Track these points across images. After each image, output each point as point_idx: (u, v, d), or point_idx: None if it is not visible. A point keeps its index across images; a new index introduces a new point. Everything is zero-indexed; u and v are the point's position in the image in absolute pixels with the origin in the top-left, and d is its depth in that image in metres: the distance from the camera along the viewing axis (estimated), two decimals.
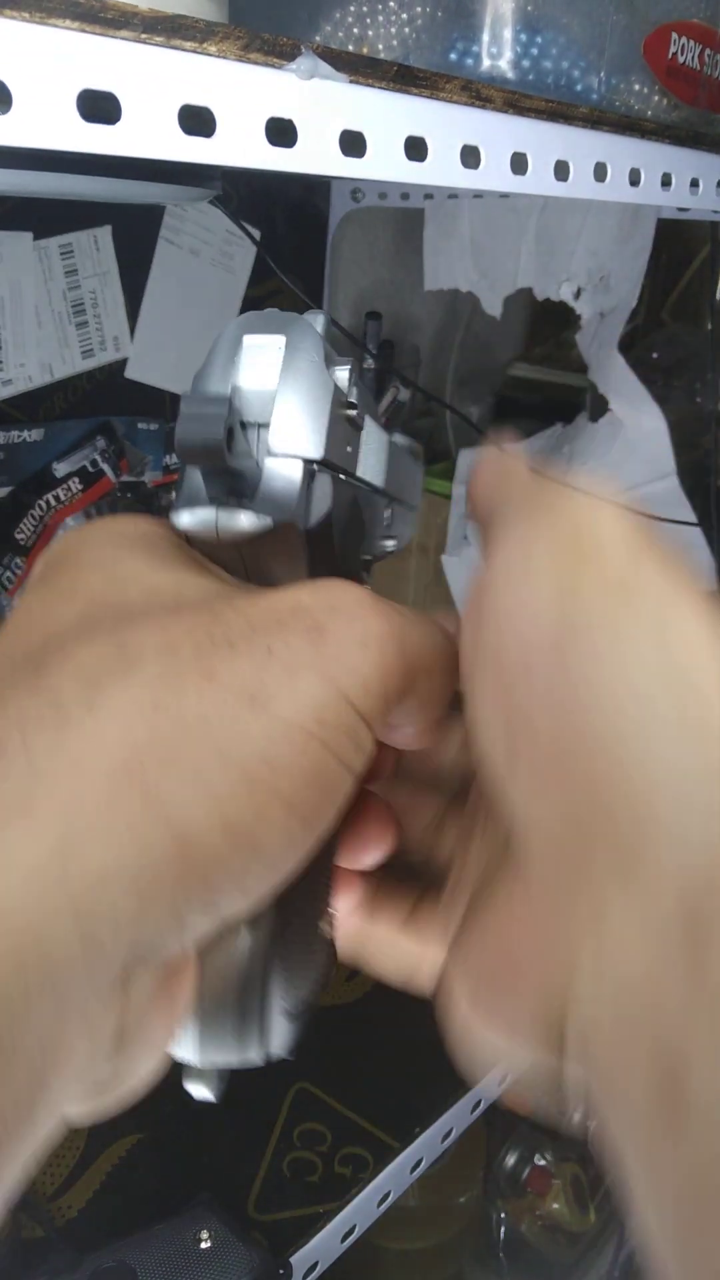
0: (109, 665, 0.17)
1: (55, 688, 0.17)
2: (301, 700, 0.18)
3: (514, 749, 0.19)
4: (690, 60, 0.49)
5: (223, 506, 0.21)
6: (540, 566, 0.19)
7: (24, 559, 0.84)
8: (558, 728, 0.18)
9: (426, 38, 0.39)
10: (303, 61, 0.30)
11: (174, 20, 0.26)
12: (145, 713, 0.17)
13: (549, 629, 0.18)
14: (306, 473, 0.22)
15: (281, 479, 0.22)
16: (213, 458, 0.21)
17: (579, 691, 0.18)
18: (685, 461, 0.91)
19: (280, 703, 0.18)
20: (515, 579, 0.19)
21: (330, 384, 0.23)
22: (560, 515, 0.21)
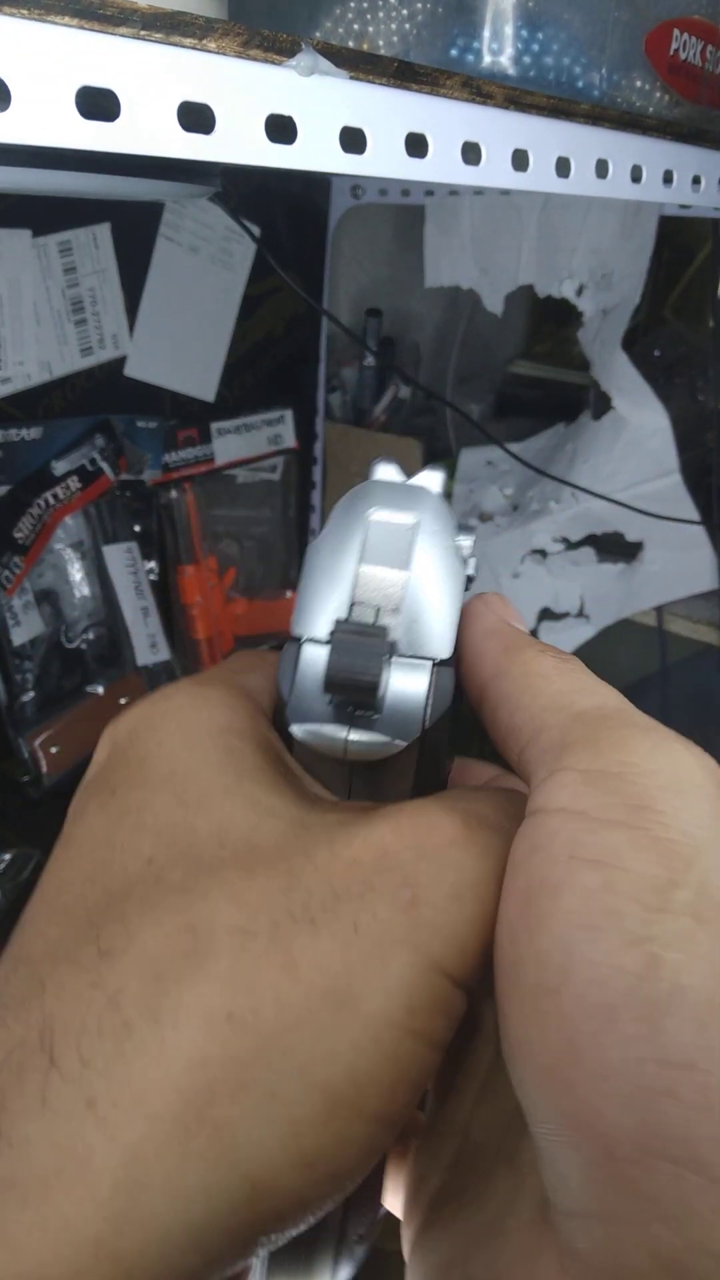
0: (177, 959, 0.15)
1: (117, 985, 0.15)
2: (393, 989, 0.16)
3: (574, 1119, 0.15)
4: (692, 57, 0.48)
5: (353, 725, 0.19)
6: (622, 887, 0.15)
7: (22, 558, 0.84)
8: (644, 1127, 0.14)
9: (427, 34, 0.39)
10: (303, 58, 0.29)
11: (173, 17, 0.26)
12: (218, 1027, 0.15)
13: (635, 976, 0.15)
14: (433, 675, 0.20)
15: (411, 692, 0.20)
16: (363, 695, 0.19)
17: (686, 1087, 0.14)
18: (688, 459, 0.91)
19: (369, 999, 0.16)
20: (591, 899, 0.15)
21: (463, 572, 0.21)
22: (635, 786, 0.16)
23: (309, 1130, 0.15)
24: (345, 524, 0.21)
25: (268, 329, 1.04)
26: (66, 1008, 0.15)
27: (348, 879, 0.17)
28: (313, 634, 0.21)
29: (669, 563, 0.93)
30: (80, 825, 0.19)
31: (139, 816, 0.18)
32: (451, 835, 0.18)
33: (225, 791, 0.18)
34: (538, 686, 0.19)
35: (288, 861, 0.17)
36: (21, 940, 0.17)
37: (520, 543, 0.97)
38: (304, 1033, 0.15)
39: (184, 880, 0.17)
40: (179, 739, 0.19)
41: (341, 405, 1.13)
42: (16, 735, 0.84)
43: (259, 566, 1.12)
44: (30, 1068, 0.14)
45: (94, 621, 0.91)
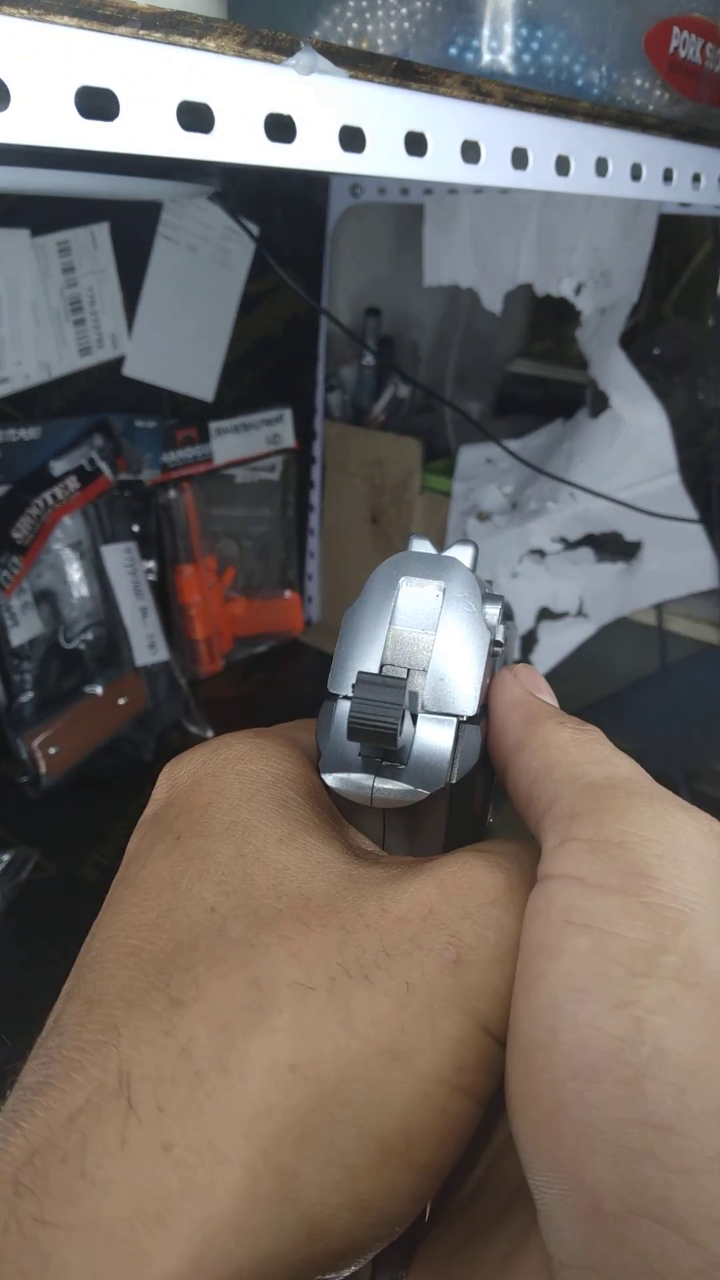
0: (243, 1011, 0.16)
1: (188, 1035, 0.16)
2: (443, 1047, 0.17)
3: (564, 1173, 0.16)
4: (692, 55, 0.48)
5: (379, 775, 0.21)
6: (611, 951, 0.16)
7: (21, 558, 0.84)
8: (627, 1183, 0.15)
9: (426, 32, 0.39)
10: (302, 57, 0.29)
11: (172, 16, 0.26)
12: (282, 1078, 0.16)
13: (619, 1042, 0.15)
14: (458, 731, 0.21)
15: (436, 745, 0.21)
16: (384, 742, 0.20)
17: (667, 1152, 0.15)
18: (687, 458, 0.91)
19: (421, 1056, 0.17)
20: (581, 962, 0.16)
21: (487, 635, 0.22)
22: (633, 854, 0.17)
23: (363, 1176, 0.16)
24: (379, 590, 0.23)
25: (266, 328, 1.03)
26: (142, 1054, 0.16)
27: (397, 936, 0.18)
28: (346, 691, 0.22)
29: (668, 562, 0.93)
30: (146, 869, 0.20)
31: (202, 864, 0.19)
32: (493, 895, 0.19)
33: (280, 843, 0.19)
34: (554, 759, 0.20)
35: (340, 916, 0.18)
36: (92, 980, 0.18)
37: (519, 542, 0.97)
38: (361, 1085, 0.16)
39: (246, 934, 0.18)
40: (238, 789, 0.21)
41: (340, 404, 1.13)
42: (15, 735, 0.84)
43: (258, 566, 1.12)
44: (110, 1111, 0.15)
45: (92, 621, 0.91)
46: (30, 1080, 0.16)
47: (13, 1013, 0.63)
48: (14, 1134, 0.15)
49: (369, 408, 1.11)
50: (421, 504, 1.07)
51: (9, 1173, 0.15)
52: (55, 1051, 0.17)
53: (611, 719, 0.24)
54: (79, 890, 0.74)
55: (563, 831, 0.18)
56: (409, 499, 1.07)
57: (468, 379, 1.23)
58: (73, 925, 0.77)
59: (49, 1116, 0.15)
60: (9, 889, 0.73)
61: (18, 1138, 0.15)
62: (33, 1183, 0.15)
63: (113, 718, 0.90)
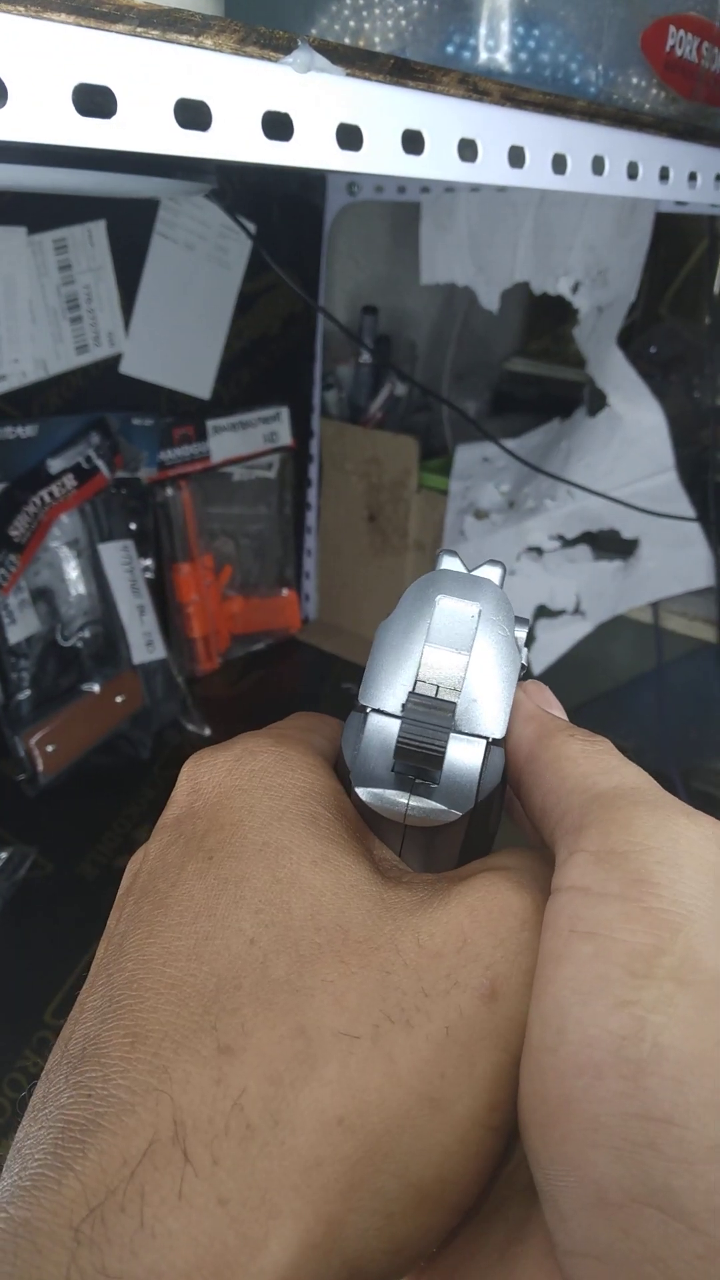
0: (291, 1063, 0.17)
1: (240, 1086, 0.16)
2: (479, 1089, 0.17)
3: (570, 1167, 0.16)
4: (688, 53, 0.48)
5: (413, 793, 0.21)
6: (612, 955, 0.17)
7: (18, 556, 0.84)
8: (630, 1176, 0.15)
9: (423, 31, 0.39)
10: (299, 55, 0.29)
11: (170, 14, 0.26)
12: (331, 1131, 0.16)
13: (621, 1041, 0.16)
14: (486, 752, 0.22)
15: (466, 766, 0.22)
16: (431, 765, 0.21)
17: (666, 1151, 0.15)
18: (684, 456, 0.91)
19: (459, 1101, 0.17)
20: (584, 967, 0.17)
21: (519, 659, 0.23)
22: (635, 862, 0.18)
23: (400, 1221, 0.16)
24: (415, 608, 0.24)
25: (264, 326, 1.03)
26: (194, 1103, 0.16)
27: (434, 975, 0.18)
28: (379, 705, 0.23)
29: (665, 560, 0.93)
30: (178, 888, 0.20)
31: (238, 890, 0.19)
32: (523, 917, 0.19)
33: (314, 865, 0.20)
34: (565, 770, 0.21)
35: (379, 953, 0.18)
36: (132, 1009, 0.18)
37: (516, 540, 0.97)
38: (404, 1135, 0.17)
39: (289, 974, 0.18)
40: (268, 806, 0.21)
41: (337, 403, 1.13)
42: (12, 734, 0.84)
43: (255, 564, 1.12)
44: (166, 1161, 0.16)
45: (90, 619, 0.91)
46: (77, 1113, 0.16)
47: (11, 1010, 0.63)
48: (68, 1176, 0.15)
49: (366, 406, 1.11)
50: (418, 502, 1.07)
51: (67, 1219, 0.15)
52: (99, 1086, 0.17)
53: (608, 717, 0.25)
54: (76, 888, 0.74)
55: (572, 844, 0.19)
56: (406, 497, 1.07)
57: (465, 377, 1.23)
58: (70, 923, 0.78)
59: (104, 1161, 0.16)
60: (6, 887, 0.73)
61: (73, 1181, 0.15)
62: (93, 1232, 0.15)
63: (110, 716, 0.90)
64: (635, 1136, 0.15)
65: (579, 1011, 0.17)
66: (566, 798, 0.20)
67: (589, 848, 0.18)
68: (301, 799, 0.21)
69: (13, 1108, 0.56)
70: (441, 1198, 0.17)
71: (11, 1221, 0.15)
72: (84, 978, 0.21)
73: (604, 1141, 0.16)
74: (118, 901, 0.22)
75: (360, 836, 0.22)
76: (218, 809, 0.21)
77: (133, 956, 0.19)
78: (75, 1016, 0.19)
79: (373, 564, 1.14)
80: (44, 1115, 0.17)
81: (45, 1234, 0.15)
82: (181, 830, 0.21)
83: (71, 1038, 0.18)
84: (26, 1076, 0.58)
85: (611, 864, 0.18)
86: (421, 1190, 0.17)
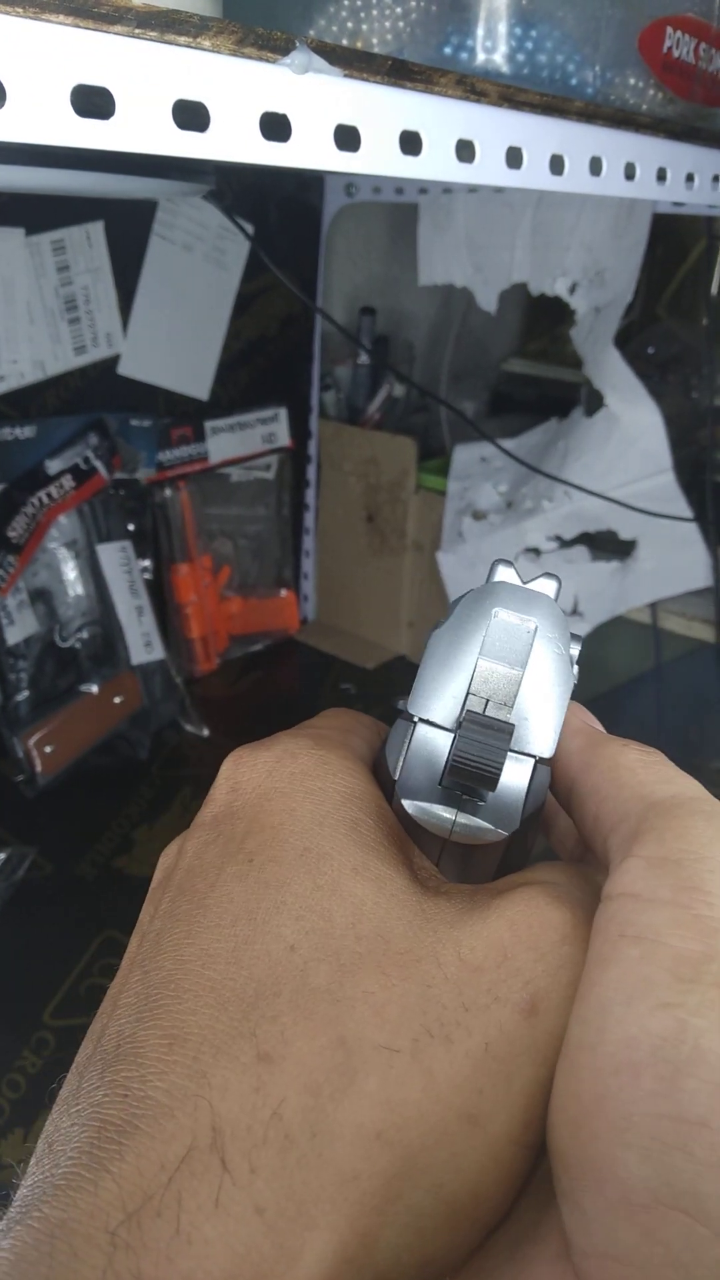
0: (331, 1074, 0.17)
1: (279, 1096, 0.16)
2: (515, 1106, 0.17)
3: (597, 1165, 0.16)
4: (685, 54, 0.48)
5: (460, 810, 0.21)
6: (659, 959, 0.17)
7: (16, 556, 0.84)
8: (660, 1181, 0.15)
9: (421, 32, 0.39)
10: (297, 56, 0.29)
11: (168, 15, 0.26)
12: (369, 1145, 0.16)
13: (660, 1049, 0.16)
14: (534, 771, 0.22)
15: (514, 785, 0.22)
16: (485, 785, 0.21)
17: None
18: (681, 456, 0.91)
19: (495, 1118, 0.17)
20: (630, 969, 0.17)
21: (573, 678, 0.23)
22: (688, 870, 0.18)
23: (432, 1236, 0.16)
24: (469, 619, 0.23)
25: (262, 327, 1.04)
26: (233, 1110, 0.16)
27: (475, 989, 0.18)
28: (428, 716, 0.22)
29: (663, 560, 0.93)
30: (217, 889, 0.20)
31: (279, 895, 0.19)
32: (563, 931, 0.19)
33: (355, 872, 0.20)
34: (623, 779, 0.21)
35: (419, 965, 0.18)
36: (169, 1010, 0.18)
37: (514, 541, 0.97)
38: (440, 1151, 0.17)
39: (329, 984, 0.18)
40: (309, 810, 0.21)
41: (336, 403, 1.13)
42: (11, 734, 0.84)
43: (253, 565, 1.12)
44: (205, 1168, 0.16)
45: (88, 620, 0.91)
46: (114, 1113, 0.16)
47: (10, 1010, 0.63)
48: (105, 1179, 0.15)
49: (364, 407, 1.11)
50: (417, 503, 1.07)
51: (103, 1222, 0.15)
52: (136, 1087, 0.17)
53: (607, 717, 0.25)
54: (75, 888, 0.74)
55: (626, 850, 0.19)
56: (404, 498, 1.07)
57: (463, 378, 1.23)
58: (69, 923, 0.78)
59: (141, 1164, 0.16)
60: (5, 887, 0.73)
61: (110, 1184, 0.15)
62: (130, 1236, 0.15)
63: (108, 716, 0.90)
64: (667, 1138, 0.15)
65: (621, 1011, 0.17)
66: (623, 805, 0.20)
67: (643, 854, 0.18)
68: (342, 804, 0.21)
69: (12, 1108, 0.56)
70: (474, 1214, 0.17)
71: (47, 1222, 0.15)
72: (83, 977, 0.21)
73: (635, 1141, 0.15)
74: (151, 895, 0.22)
75: (400, 844, 0.22)
76: (258, 811, 0.21)
77: (170, 955, 0.19)
78: (108, 1010, 0.19)
79: (371, 564, 1.14)
80: (76, 1111, 0.17)
81: (82, 1236, 0.15)
82: (220, 830, 0.21)
83: (105, 1032, 0.18)
84: (25, 1077, 0.58)
85: (664, 870, 0.18)
86: (455, 1206, 0.17)
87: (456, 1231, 0.17)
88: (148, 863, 0.77)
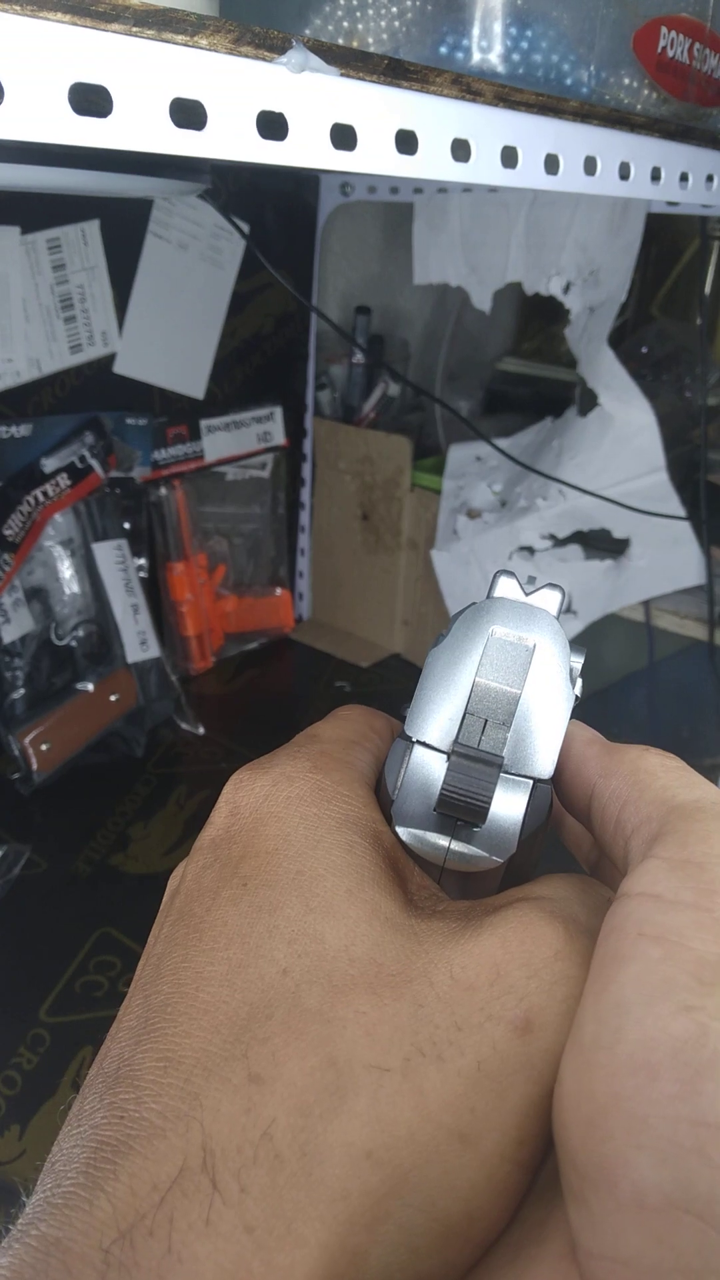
0: (321, 1095, 0.17)
1: (270, 1116, 0.16)
2: (508, 1125, 0.17)
3: (609, 1167, 0.16)
4: (680, 54, 0.49)
5: (454, 838, 0.21)
6: (680, 960, 0.17)
7: (12, 555, 0.84)
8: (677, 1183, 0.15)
9: (417, 31, 0.39)
10: (293, 55, 0.30)
11: (165, 14, 0.26)
12: (359, 1164, 0.16)
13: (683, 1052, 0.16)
14: (531, 794, 0.22)
15: (510, 811, 0.21)
16: (473, 818, 0.21)
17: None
18: (674, 455, 0.91)
19: (489, 1137, 0.17)
20: (651, 969, 0.17)
21: (572, 697, 0.22)
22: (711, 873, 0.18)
23: (425, 1255, 0.16)
24: (467, 637, 0.23)
25: (257, 326, 1.04)
26: (224, 1131, 0.16)
27: (468, 1008, 0.18)
28: (424, 737, 0.22)
29: (656, 559, 0.93)
30: (212, 913, 0.20)
31: (271, 919, 0.19)
32: (556, 947, 0.19)
33: (349, 895, 0.20)
34: (645, 783, 0.21)
35: (411, 986, 0.18)
36: (164, 1032, 0.18)
37: (508, 539, 0.97)
38: (432, 1170, 0.17)
39: (321, 1005, 0.18)
40: (304, 835, 0.21)
41: (331, 402, 1.13)
42: (7, 732, 0.84)
43: (249, 563, 1.12)
44: (195, 1188, 0.16)
45: (84, 619, 0.91)
46: (109, 1134, 0.17)
47: (5, 1008, 0.63)
48: (99, 1197, 0.16)
49: (359, 405, 1.11)
50: (411, 501, 1.07)
51: (97, 1241, 0.15)
52: (132, 1108, 0.17)
53: (600, 715, 0.24)
54: (71, 886, 0.74)
55: (646, 851, 0.19)
56: (399, 496, 1.08)
57: (457, 377, 1.23)
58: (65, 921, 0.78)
59: (134, 1184, 0.16)
60: (1, 884, 0.73)
61: (104, 1203, 0.16)
62: (123, 1254, 0.15)
63: (104, 714, 0.90)
64: (684, 1141, 0.15)
65: (640, 1012, 0.16)
66: (645, 808, 0.20)
67: (665, 855, 0.18)
68: (337, 829, 0.21)
69: (8, 1105, 0.56)
70: (467, 1234, 0.17)
71: (44, 1240, 0.15)
72: (79, 975, 0.21)
73: (649, 1144, 0.15)
74: (157, 919, 0.22)
75: (396, 866, 0.22)
76: (253, 835, 0.21)
77: (168, 979, 0.19)
78: (113, 1034, 0.19)
79: (366, 563, 1.14)
80: (78, 1133, 0.17)
81: (76, 1255, 0.15)
82: (218, 854, 0.21)
83: (107, 1056, 0.19)
84: (21, 1074, 0.58)
85: (686, 873, 0.18)
86: (448, 1226, 0.17)
87: (450, 1250, 0.17)
88: (143, 860, 0.78)
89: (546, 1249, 0.18)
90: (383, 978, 0.19)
